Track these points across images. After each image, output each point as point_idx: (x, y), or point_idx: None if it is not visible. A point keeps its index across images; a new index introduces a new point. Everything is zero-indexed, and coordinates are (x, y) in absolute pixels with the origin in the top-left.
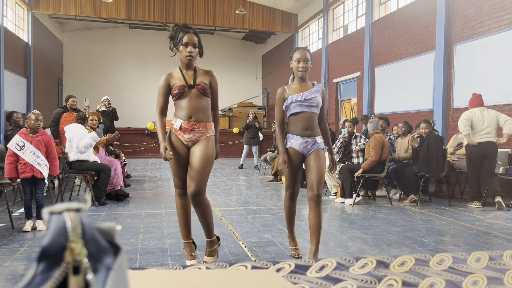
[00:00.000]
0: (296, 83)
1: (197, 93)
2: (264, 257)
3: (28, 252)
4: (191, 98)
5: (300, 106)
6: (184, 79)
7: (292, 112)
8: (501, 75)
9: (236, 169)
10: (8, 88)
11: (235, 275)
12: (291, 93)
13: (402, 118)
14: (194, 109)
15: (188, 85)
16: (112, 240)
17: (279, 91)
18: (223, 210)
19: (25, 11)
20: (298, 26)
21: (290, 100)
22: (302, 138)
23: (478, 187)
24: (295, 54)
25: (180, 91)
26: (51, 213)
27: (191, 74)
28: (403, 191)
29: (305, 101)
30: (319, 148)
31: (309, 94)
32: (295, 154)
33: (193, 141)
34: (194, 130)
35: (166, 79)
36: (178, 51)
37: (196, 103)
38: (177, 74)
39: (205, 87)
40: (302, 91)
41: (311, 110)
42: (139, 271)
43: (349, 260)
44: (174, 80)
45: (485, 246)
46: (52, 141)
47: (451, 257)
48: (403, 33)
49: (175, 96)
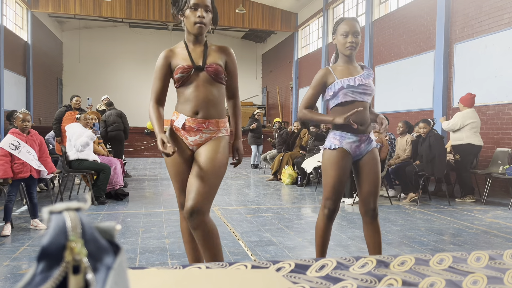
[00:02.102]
0: (342, 64)
1: (208, 78)
2: (264, 257)
3: (28, 251)
4: (199, 85)
5: (352, 93)
6: (191, 57)
7: (341, 100)
8: (501, 74)
9: (236, 168)
10: (7, 87)
11: (235, 275)
12: (339, 76)
13: (402, 117)
14: (202, 101)
15: (195, 67)
16: (112, 240)
17: (320, 73)
18: (222, 210)
19: (25, 10)
20: (298, 25)
21: (339, 84)
22: (355, 136)
23: (471, 183)
24: (341, 26)
25: (184, 75)
26: (51, 212)
27: (201, 51)
28: (402, 190)
29: (359, 87)
30: (374, 148)
31: (362, 78)
32: (346, 157)
33: (199, 145)
34: (202, 130)
35: (166, 57)
36: (184, 17)
37: (206, 92)
38: (181, 51)
39: (218, 69)
40: (352, 74)
41: (365, 99)
42: (139, 271)
43: (349, 259)
44: (176, 59)
45: (485, 245)
46: (44, 141)
47: (451, 256)
48: (403, 32)
49: (177, 82)
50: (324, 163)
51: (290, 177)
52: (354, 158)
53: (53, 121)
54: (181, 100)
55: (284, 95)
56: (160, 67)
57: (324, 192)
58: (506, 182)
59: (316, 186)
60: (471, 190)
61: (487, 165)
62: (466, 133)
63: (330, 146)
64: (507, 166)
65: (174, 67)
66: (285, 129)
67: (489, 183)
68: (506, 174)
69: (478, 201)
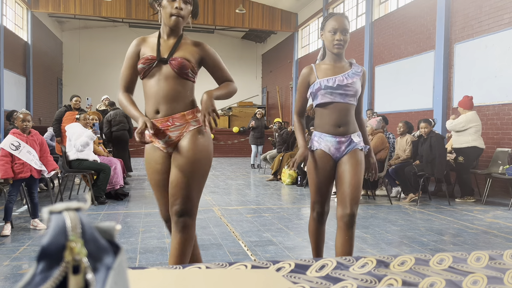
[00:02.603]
0: (328, 62)
1: (171, 72)
2: (264, 257)
3: (28, 251)
4: (161, 79)
5: (331, 94)
6: (158, 48)
7: (319, 101)
8: (501, 74)
9: (235, 168)
10: (7, 87)
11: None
12: (320, 76)
13: (402, 117)
14: (162, 97)
15: (158, 59)
16: (112, 240)
17: (303, 72)
18: (222, 210)
19: (25, 10)
20: (298, 25)
21: (317, 84)
22: (333, 137)
23: (470, 184)
24: (329, 22)
25: (145, 66)
26: (51, 212)
27: (171, 44)
28: (402, 190)
29: (338, 88)
30: (356, 148)
31: (344, 78)
32: (324, 158)
33: (174, 144)
34: (168, 128)
35: (137, 45)
36: (161, 6)
37: (167, 88)
38: (153, 40)
39: (183, 63)
40: (335, 73)
41: (346, 100)
42: (139, 271)
43: (349, 259)
44: (145, 48)
45: (485, 245)
46: (45, 141)
47: (451, 256)
48: (403, 32)
49: (140, 73)
50: (307, 166)
51: (290, 177)
52: (336, 160)
53: (53, 121)
54: (145, 96)
55: (284, 95)
56: (130, 55)
57: (311, 195)
58: (506, 182)
59: None
60: (471, 191)
61: (487, 165)
62: (472, 136)
63: (310, 147)
64: (507, 166)
65: (141, 56)
66: (285, 129)
67: (489, 183)
68: (506, 174)
69: (478, 201)
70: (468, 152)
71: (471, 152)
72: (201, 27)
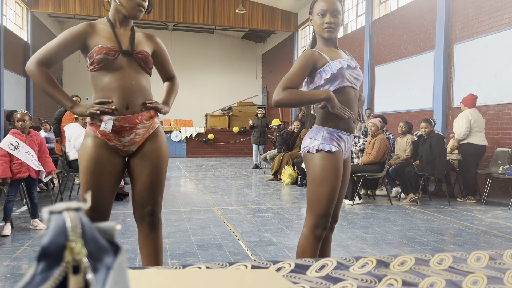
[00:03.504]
0: (325, 47)
1: (135, 65)
2: (264, 257)
3: (28, 251)
4: (125, 73)
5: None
6: (117, 39)
7: (340, 85)
8: (501, 74)
9: (235, 168)
10: (7, 87)
11: (235, 275)
12: (331, 58)
13: (401, 117)
14: (130, 91)
15: (122, 51)
16: (112, 240)
17: (307, 53)
18: (222, 210)
19: (25, 10)
20: (298, 25)
21: (338, 65)
22: (348, 136)
23: (474, 184)
24: (317, 3)
25: (109, 57)
26: (51, 212)
27: (127, 35)
28: (402, 190)
29: (354, 70)
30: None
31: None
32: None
33: (137, 143)
34: (136, 126)
35: (83, 31)
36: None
37: (133, 81)
38: (105, 28)
39: (148, 57)
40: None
41: (357, 86)
42: (139, 271)
43: (349, 259)
44: (96, 38)
45: (485, 245)
46: (44, 142)
47: (451, 256)
48: (403, 32)
49: (97, 64)
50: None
51: (290, 177)
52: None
53: (53, 121)
54: (99, 88)
55: None
56: (70, 38)
57: (317, 208)
58: (506, 182)
59: None
60: (474, 191)
61: (487, 165)
62: (478, 135)
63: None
64: (507, 166)
65: (92, 46)
66: (285, 129)
67: (489, 183)
68: (506, 174)
69: (478, 201)
70: (474, 150)
71: (477, 150)
72: (201, 27)
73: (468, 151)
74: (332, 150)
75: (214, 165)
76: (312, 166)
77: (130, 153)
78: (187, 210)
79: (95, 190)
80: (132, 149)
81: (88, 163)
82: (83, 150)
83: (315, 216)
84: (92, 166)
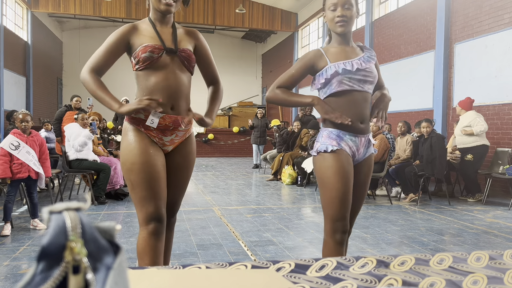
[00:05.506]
0: (337, 45)
1: (179, 64)
2: (264, 257)
3: (28, 251)
4: (169, 72)
5: (349, 80)
6: (160, 38)
7: (336, 90)
8: (501, 74)
9: (235, 168)
10: (7, 87)
11: (235, 275)
12: (332, 60)
13: (402, 117)
14: (175, 92)
15: (166, 49)
16: (112, 240)
17: (310, 54)
18: (222, 210)
19: (25, 10)
20: (298, 25)
21: (332, 69)
22: (355, 137)
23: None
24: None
25: (153, 55)
26: (50, 212)
27: (169, 32)
28: (402, 190)
29: (358, 73)
30: (372, 153)
31: (361, 62)
32: (349, 159)
33: (174, 144)
34: (178, 128)
35: (127, 32)
36: None
37: (178, 81)
38: (147, 28)
39: (192, 56)
40: (348, 57)
41: (366, 88)
42: (139, 271)
43: (349, 259)
44: (140, 37)
45: (485, 245)
46: (45, 142)
47: (451, 256)
48: (403, 32)
49: (143, 63)
50: (322, 172)
51: (290, 177)
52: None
53: (53, 121)
54: (144, 87)
55: None
56: (116, 41)
57: (330, 213)
58: (506, 182)
59: (316, 186)
60: (479, 189)
61: (487, 165)
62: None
63: (326, 148)
64: (507, 166)
65: (136, 45)
66: (285, 129)
67: (489, 183)
68: (506, 174)
69: (478, 201)
70: (479, 150)
71: (482, 150)
72: (201, 27)
73: (483, 153)
74: (328, 150)
75: (214, 165)
76: (317, 169)
77: (165, 153)
78: (187, 210)
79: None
80: (169, 149)
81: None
82: (128, 143)
83: (329, 221)
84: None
